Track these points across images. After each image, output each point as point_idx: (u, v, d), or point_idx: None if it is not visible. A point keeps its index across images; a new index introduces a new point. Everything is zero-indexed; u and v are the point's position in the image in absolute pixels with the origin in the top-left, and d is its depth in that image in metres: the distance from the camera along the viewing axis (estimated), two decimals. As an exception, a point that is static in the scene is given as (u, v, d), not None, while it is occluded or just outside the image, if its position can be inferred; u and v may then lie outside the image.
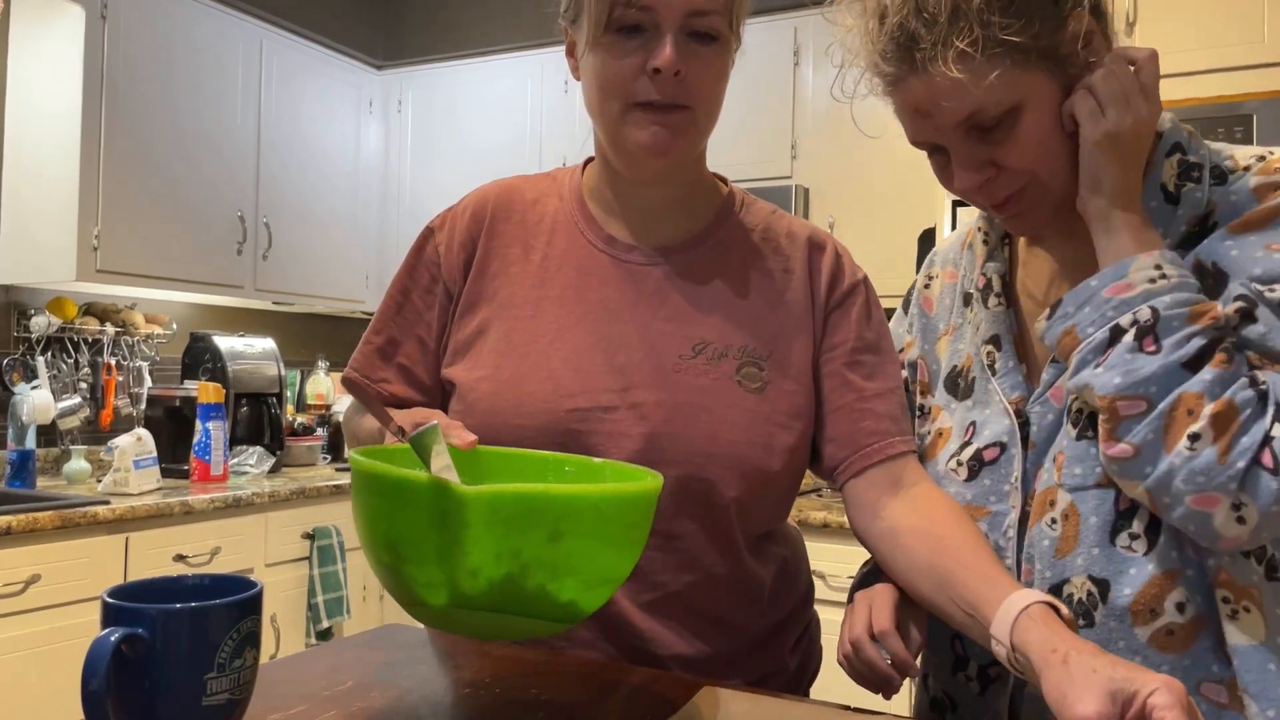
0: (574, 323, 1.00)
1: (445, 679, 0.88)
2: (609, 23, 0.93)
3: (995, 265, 1.01)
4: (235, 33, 3.43)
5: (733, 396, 0.97)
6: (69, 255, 2.91)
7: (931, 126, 0.88)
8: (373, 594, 3.43)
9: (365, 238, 4.00)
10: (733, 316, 1.01)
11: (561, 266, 1.03)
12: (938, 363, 1.05)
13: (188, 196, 3.25)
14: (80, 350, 3.26)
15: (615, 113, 0.95)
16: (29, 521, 2.36)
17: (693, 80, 0.93)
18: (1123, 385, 0.79)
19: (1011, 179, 0.88)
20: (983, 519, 0.93)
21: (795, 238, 1.07)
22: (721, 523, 0.97)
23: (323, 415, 3.89)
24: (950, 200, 2.58)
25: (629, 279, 1.01)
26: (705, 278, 1.02)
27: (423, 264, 1.09)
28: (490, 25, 4.02)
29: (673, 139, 0.95)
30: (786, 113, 3.26)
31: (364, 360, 1.07)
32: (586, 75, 0.98)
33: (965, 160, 0.88)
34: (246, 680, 0.67)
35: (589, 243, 1.04)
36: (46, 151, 2.97)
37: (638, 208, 1.04)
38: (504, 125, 3.80)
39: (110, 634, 0.61)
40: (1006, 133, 0.85)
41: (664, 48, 0.91)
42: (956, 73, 0.82)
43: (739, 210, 1.07)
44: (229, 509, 2.88)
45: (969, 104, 0.84)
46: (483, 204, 1.09)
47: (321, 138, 3.79)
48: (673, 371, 0.97)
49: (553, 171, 1.12)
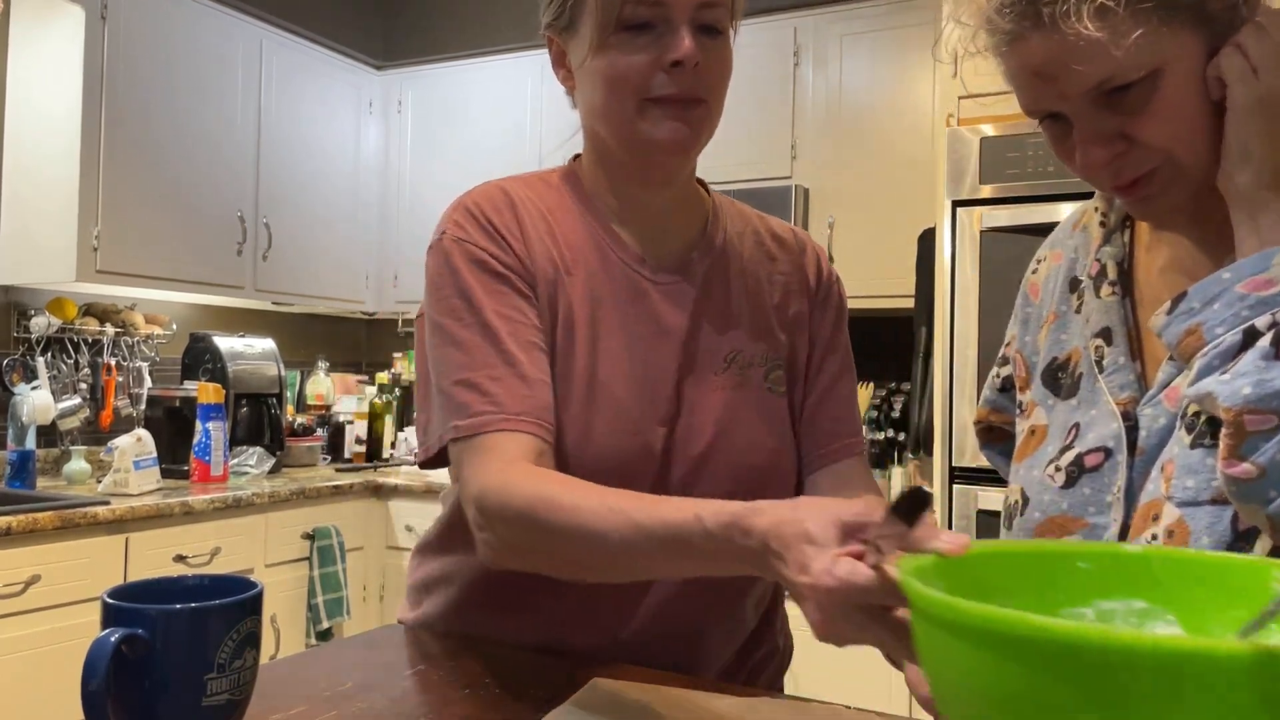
0: (623, 348, 0.97)
1: (445, 680, 0.88)
2: (617, 22, 0.91)
3: (1112, 250, 0.89)
4: (235, 33, 3.43)
5: (766, 403, 1.02)
6: (69, 255, 2.91)
7: (1055, 93, 0.76)
8: (373, 594, 3.43)
9: (365, 238, 4.00)
10: (751, 323, 1.03)
11: (602, 287, 0.99)
12: (1037, 354, 0.96)
13: (188, 197, 3.25)
14: (80, 351, 3.26)
15: (630, 111, 0.93)
16: (29, 522, 2.36)
17: (706, 72, 0.92)
18: (1253, 397, 0.68)
19: (1144, 156, 0.77)
20: (1079, 531, 0.84)
21: (780, 239, 1.09)
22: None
23: (322, 415, 3.89)
24: (950, 201, 2.58)
25: (664, 298, 1.00)
26: (720, 287, 1.03)
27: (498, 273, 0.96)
28: (490, 25, 4.02)
29: (692, 134, 0.94)
30: (786, 113, 3.26)
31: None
32: (590, 78, 0.95)
33: (1093, 133, 0.77)
34: (246, 681, 0.67)
35: (621, 261, 1.00)
36: (46, 152, 2.97)
37: (644, 213, 1.02)
38: (504, 125, 3.80)
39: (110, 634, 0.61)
40: (1143, 101, 0.74)
41: (682, 40, 0.90)
42: (1094, 30, 0.71)
43: (724, 214, 1.08)
44: (229, 509, 2.88)
45: (1105, 67, 0.73)
46: (503, 209, 0.99)
47: (321, 138, 3.79)
48: (714, 389, 0.99)
49: (542, 175, 1.06)
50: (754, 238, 1.07)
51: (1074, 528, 0.84)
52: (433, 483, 3.33)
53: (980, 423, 1.10)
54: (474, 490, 0.87)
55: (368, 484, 3.40)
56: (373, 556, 3.43)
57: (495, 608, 1.01)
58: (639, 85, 0.92)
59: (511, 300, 0.94)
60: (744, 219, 1.09)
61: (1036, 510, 0.86)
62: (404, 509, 3.40)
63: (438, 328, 0.95)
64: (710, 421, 0.98)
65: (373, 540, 3.43)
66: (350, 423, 3.81)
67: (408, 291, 3.98)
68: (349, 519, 3.31)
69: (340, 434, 3.81)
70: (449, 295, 0.95)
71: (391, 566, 3.42)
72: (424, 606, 1.08)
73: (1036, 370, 0.95)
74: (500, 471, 0.85)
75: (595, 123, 0.98)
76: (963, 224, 2.55)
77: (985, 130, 2.52)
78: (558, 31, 0.98)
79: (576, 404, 0.95)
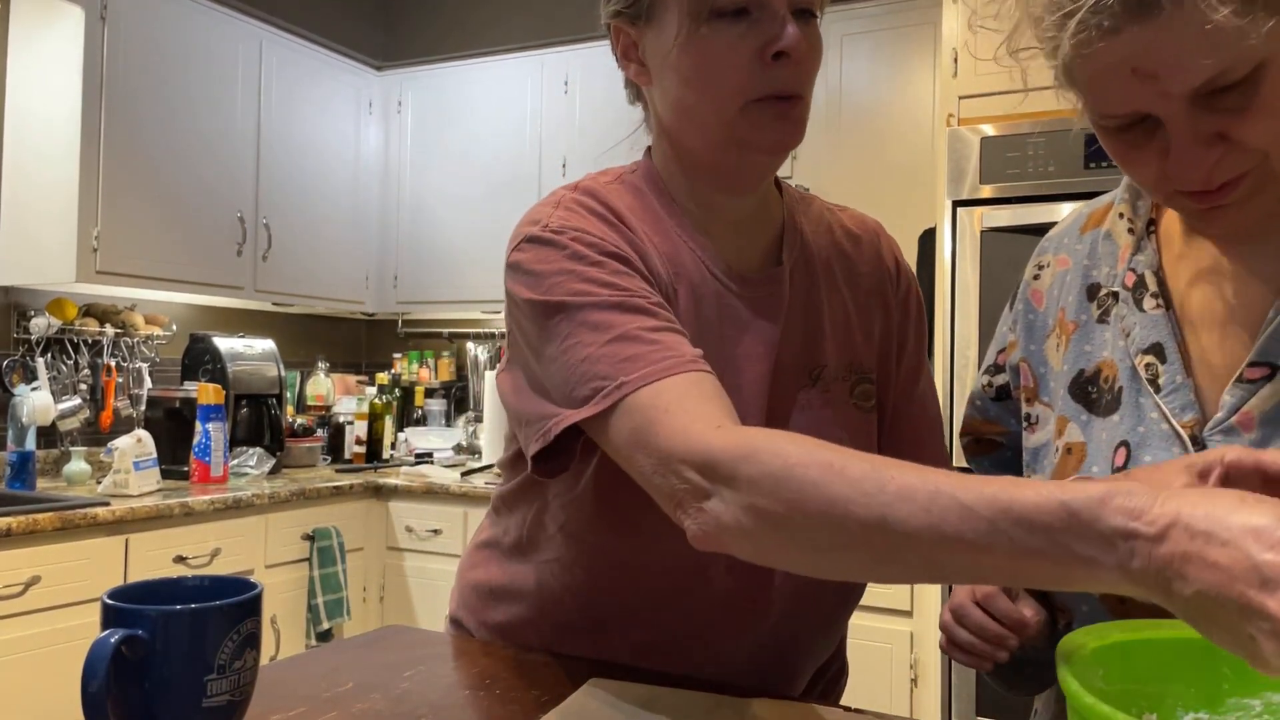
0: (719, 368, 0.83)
1: (445, 680, 0.88)
2: (711, 10, 0.82)
3: (1146, 259, 0.83)
4: (235, 33, 3.43)
5: (851, 422, 0.94)
6: (69, 256, 2.91)
7: (1154, 91, 0.68)
8: (373, 595, 3.43)
9: (365, 238, 4.00)
10: (836, 333, 0.95)
11: (701, 303, 0.90)
12: (1045, 364, 0.91)
13: (187, 197, 3.25)
14: (80, 351, 3.26)
15: (730, 113, 0.84)
16: (29, 523, 2.36)
17: (807, 64, 0.85)
18: None
19: (1240, 159, 0.69)
20: None
21: (853, 235, 1.01)
22: None
23: (322, 416, 3.89)
24: (951, 201, 2.57)
25: (753, 312, 0.91)
26: (804, 296, 0.94)
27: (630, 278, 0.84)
28: (490, 26, 4.02)
29: (796, 132, 0.86)
30: (786, 113, 3.25)
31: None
32: (677, 74, 0.86)
33: (1192, 135, 0.69)
34: (246, 682, 0.67)
35: (711, 274, 0.91)
36: (46, 152, 2.97)
37: (725, 219, 0.93)
38: (504, 126, 3.80)
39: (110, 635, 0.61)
40: (1246, 99, 0.67)
41: (787, 27, 0.82)
42: (1235, 18, 0.62)
43: (799, 213, 0.99)
44: (229, 510, 2.88)
45: (1225, 60, 0.65)
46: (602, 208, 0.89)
47: (321, 138, 3.79)
48: (801, 408, 0.92)
49: (621, 176, 0.95)
50: (828, 236, 0.99)
51: None
52: (433, 483, 3.33)
53: (967, 435, 1.05)
54: (694, 450, 0.69)
55: (368, 485, 3.40)
56: (373, 557, 3.43)
57: (579, 628, 0.95)
58: (741, 84, 0.83)
59: (636, 278, 0.82)
60: (818, 215, 1.00)
61: None
62: (404, 510, 3.40)
63: (554, 309, 0.80)
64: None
65: (373, 541, 3.43)
66: (350, 423, 3.81)
67: (408, 292, 3.99)
68: (349, 520, 3.31)
69: (340, 435, 3.81)
70: (562, 279, 0.81)
71: (391, 567, 3.42)
72: (491, 614, 1.02)
73: (1049, 381, 0.90)
74: (723, 427, 0.70)
75: (681, 122, 0.89)
76: (963, 224, 2.55)
77: (985, 130, 2.52)
78: (629, 21, 0.89)
79: None
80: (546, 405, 0.81)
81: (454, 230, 3.86)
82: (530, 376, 0.85)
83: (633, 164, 0.97)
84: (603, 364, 0.76)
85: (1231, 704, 0.58)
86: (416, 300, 3.99)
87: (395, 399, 4.04)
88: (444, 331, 4.26)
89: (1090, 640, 0.57)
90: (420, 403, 4.10)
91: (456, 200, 3.88)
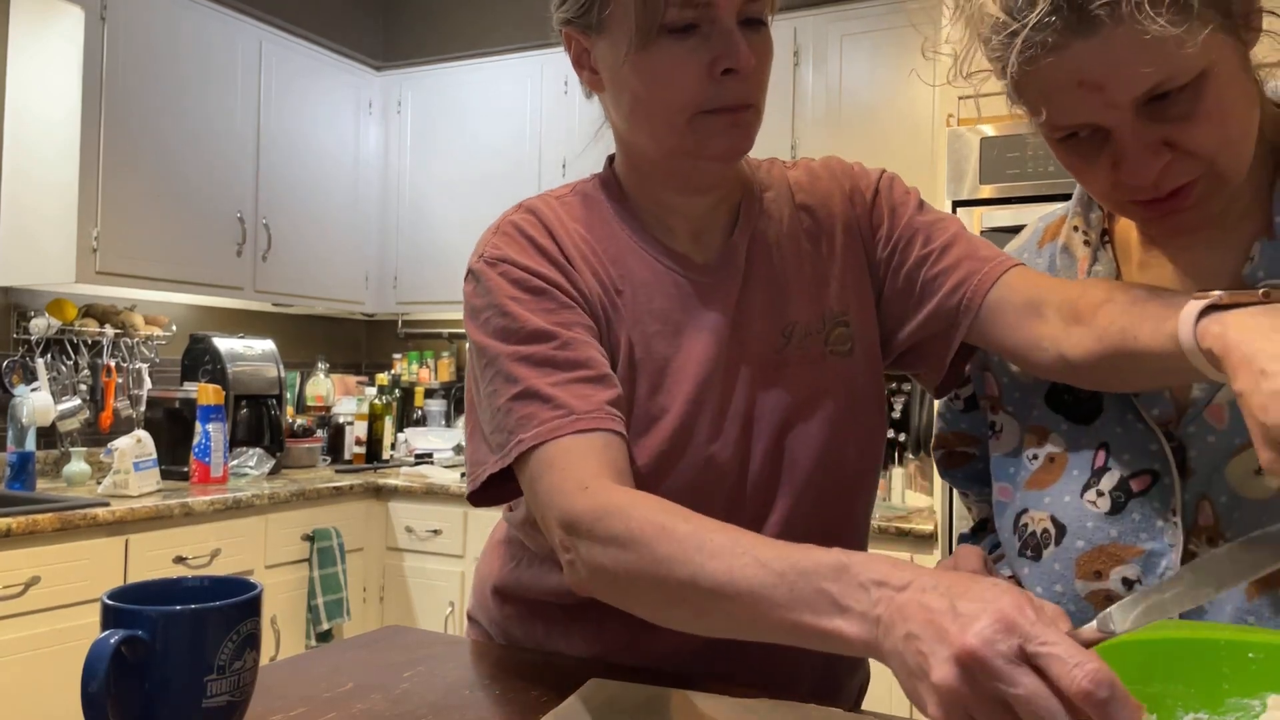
0: (680, 359, 0.92)
1: (445, 680, 0.88)
2: (661, 25, 0.83)
3: (1105, 268, 0.87)
4: (235, 33, 3.43)
5: (831, 369, 0.95)
6: (68, 257, 2.91)
7: (1101, 102, 0.71)
8: (373, 596, 3.43)
9: (365, 239, 4.00)
10: (802, 290, 0.96)
11: (652, 300, 0.93)
12: (1008, 373, 0.94)
13: (187, 198, 3.25)
14: (80, 352, 3.26)
15: (679, 125, 0.86)
16: (29, 523, 2.36)
17: (756, 75, 0.87)
18: None
19: (1188, 165, 0.73)
20: (1134, 560, 0.80)
21: (807, 188, 1.00)
22: (847, 498, 0.98)
23: (322, 417, 3.89)
24: (951, 201, 2.57)
25: (712, 295, 0.94)
26: (763, 265, 0.96)
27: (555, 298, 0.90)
28: (489, 26, 4.02)
29: (746, 141, 0.88)
30: (786, 112, 3.26)
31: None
32: (627, 85, 0.87)
33: (1140, 144, 0.72)
34: (246, 682, 0.67)
35: (667, 268, 0.94)
36: (46, 153, 2.97)
37: (686, 216, 0.96)
38: (503, 126, 3.80)
39: (110, 636, 0.61)
40: (1190, 106, 0.70)
41: (736, 45, 0.83)
42: (1168, 27, 0.65)
43: (758, 184, 1.00)
44: (229, 511, 2.88)
45: (1166, 69, 0.68)
46: (538, 230, 0.93)
47: (321, 139, 3.79)
48: (774, 372, 0.94)
49: (576, 187, 1.00)
50: (789, 198, 0.99)
51: (1127, 555, 0.80)
52: (433, 484, 3.33)
53: (939, 449, 1.05)
54: (559, 510, 0.77)
55: (367, 485, 3.40)
56: (373, 558, 3.43)
57: (567, 619, 0.98)
58: (691, 98, 0.85)
59: (558, 311, 0.87)
60: (779, 180, 1.01)
61: (1079, 539, 0.83)
62: (404, 510, 3.40)
63: (482, 351, 0.88)
64: (774, 408, 0.93)
65: (373, 541, 3.43)
66: (350, 424, 3.81)
67: (407, 292, 3.99)
68: (349, 520, 3.31)
69: (340, 435, 3.81)
70: (490, 317, 0.88)
71: (391, 568, 3.42)
72: (500, 611, 1.04)
73: (1013, 391, 0.93)
74: (590, 488, 0.76)
75: (633, 131, 0.91)
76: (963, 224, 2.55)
77: (985, 130, 2.52)
78: (581, 30, 0.90)
79: (637, 433, 0.89)
80: (480, 449, 0.88)
81: (454, 230, 3.86)
82: (475, 412, 0.91)
83: (594, 173, 1.01)
84: (510, 417, 0.83)
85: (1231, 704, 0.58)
86: (416, 300, 3.99)
87: (395, 399, 4.04)
88: (444, 332, 4.26)
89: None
90: (420, 403, 4.10)
91: (456, 200, 3.88)
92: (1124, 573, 0.81)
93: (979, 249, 0.93)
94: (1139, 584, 0.80)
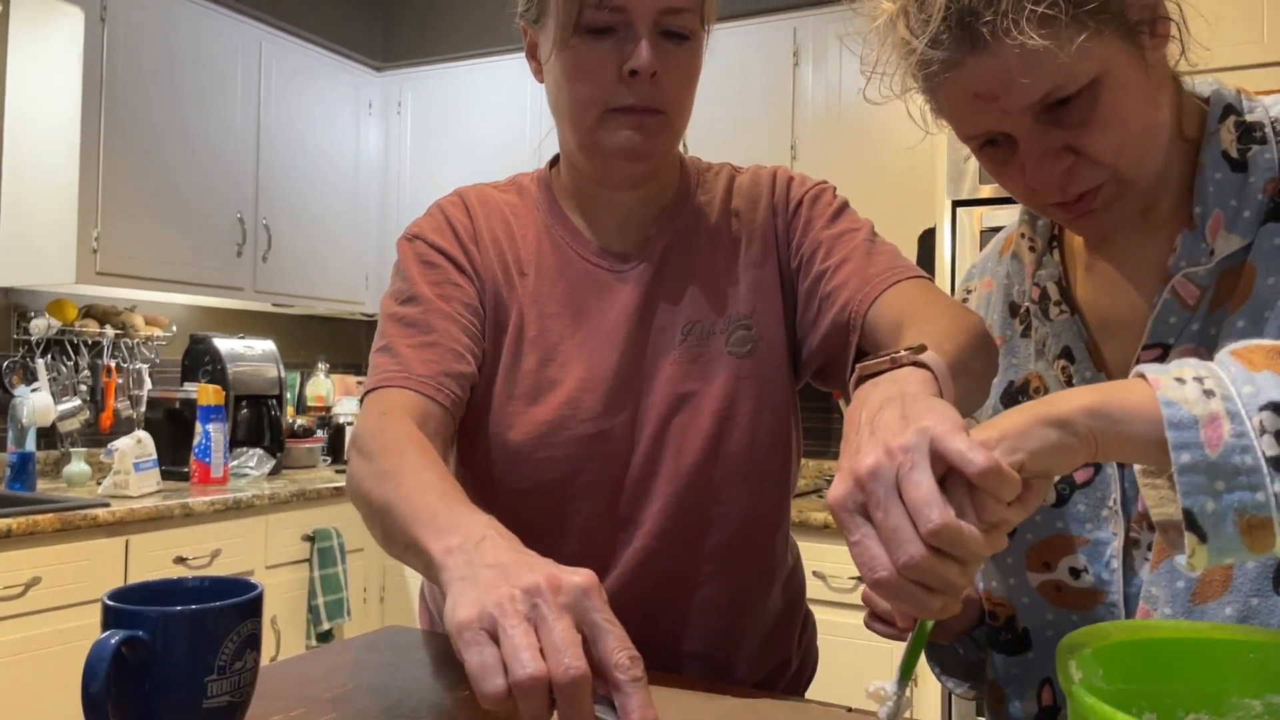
0: (576, 342, 0.99)
1: (445, 681, 0.88)
2: (578, 24, 0.90)
3: (1049, 273, 0.90)
4: (235, 34, 3.43)
5: (726, 368, 0.98)
6: (68, 257, 2.91)
7: (998, 111, 0.76)
8: (373, 596, 3.43)
9: (365, 239, 4.00)
10: (713, 292, 1.01)
11: (556, 285, 1.01)
12: None
13: (187, 198, 3.25)
14: (80, 352, 3.26)
15: (590, 120, 0.93)
16: (29, 524, 2.36)
17: (666, 82, 0.92)
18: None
19: (1092, 170, 0.77)
20: (1081, 549, 0.83)
21: (743, 190, 1.05)
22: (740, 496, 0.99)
23: (323, 417, 3.89)
24: (950, 201, 2.57)
25: (622, 285, 1.00)
26: (680, 262, 1.01)
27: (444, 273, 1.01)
28: (489, 26, 4.02)
29: (649, 143, 0.93)
30: (786, 113, 3.26)
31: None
32: (553, 78, 0.96)
33: (1041, 149, 0.76)
34: (247, 683, 0.67)
35: (580, 257, 1.02)
36: (46, 153, 2.97)
37: (610, 209, 1.02)
38: (503, 126, 3.80)
39: (110, 636, 0.61)
40: (1086, 112, 0.74)
41: (640, 49, 0.89)
42: (1040, 39, 0.70)
43: (696, 186, 1.05)
44: (229, 511, 2.88)
45: (1050, 77, 0.72)
46: (460, 211, 1.04)
47: (321, 139, 3.79)
48: (668, 364, 0.98)
49: (518, 178, 1.10)
50: (725, 203, 1.04)
51: (1075, 545, 0.84)
52: (433, 484, 3.33)
53: None
54: (361, 424, 0.89)
55: (368, 485, 3.39)
56: (373, 558, 3.43)
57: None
58: (599, 95, 0.92)
59: (444, 278, 0.98)
60: (723, 185, 1.06)
61: (1028, 532, 0.87)
62: (404, 510, 3.40)
63: (381, 311, 1.00)
64: (664, 397, 0.97)
65: (373, 542, 3.42)
66: (350, 424, 3.81)
67: (407, 293, 3.98)
68: (349, 520, 3.31)
69: (340, 435, 3.81)
70: (394, 280, 1.01)
71: (392, 568, 3.42)
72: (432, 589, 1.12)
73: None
74: (380, 417, 0.87)
75: (558, 121, 0.99)
76: (963, 224, 2.55)
77: (985, 130, 2.52)
78: (530, 22, 0.99)
79: (523, 401, 0.96)
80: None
81: (454, 231, 3.86)
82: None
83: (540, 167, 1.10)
84: (373, 368, 0.95)
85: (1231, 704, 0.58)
86: (416, 301, 3.98)
87: (395, 399, 4.03)
88: (444, 332, 4.25)
89: (1090, 640, 0.57)
90: (420, 403, 4.09)
91: (456, 201, 3.88)
92: (1071, 563, 0.84)
93: (872, 264, 0.95)
94: (1085, 573, 0.83)
